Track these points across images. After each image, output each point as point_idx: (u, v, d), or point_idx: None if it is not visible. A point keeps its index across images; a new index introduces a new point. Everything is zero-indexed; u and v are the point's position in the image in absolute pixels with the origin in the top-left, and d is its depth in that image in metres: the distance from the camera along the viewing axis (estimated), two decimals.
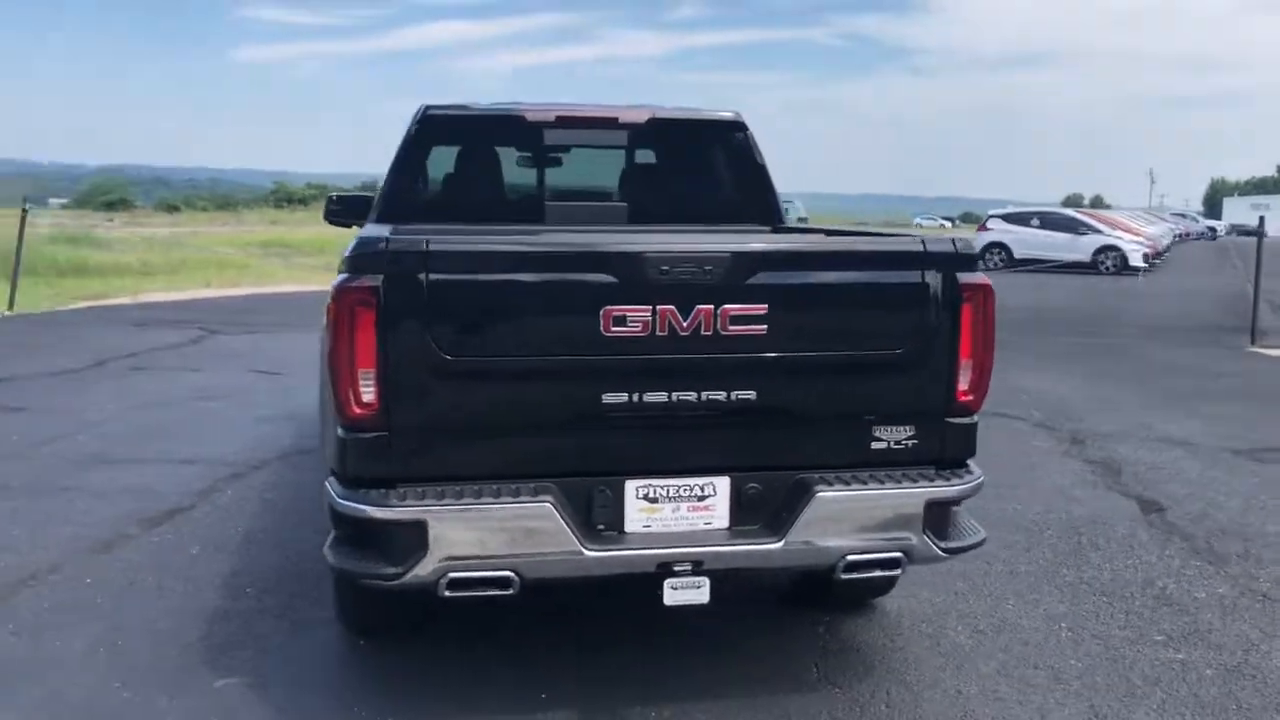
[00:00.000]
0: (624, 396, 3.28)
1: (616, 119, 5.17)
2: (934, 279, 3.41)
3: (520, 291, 3.27)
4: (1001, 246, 30.52)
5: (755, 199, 5.20)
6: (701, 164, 5.29)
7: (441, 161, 5.09)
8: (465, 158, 5.14)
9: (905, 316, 3.44)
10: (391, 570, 3.20)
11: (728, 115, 5.22)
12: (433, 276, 3.16)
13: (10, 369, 9.92)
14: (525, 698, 3.65)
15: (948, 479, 3.48)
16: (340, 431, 3.24)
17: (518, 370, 3.26)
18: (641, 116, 5.17)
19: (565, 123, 5.13)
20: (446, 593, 3.21)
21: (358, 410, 3.19)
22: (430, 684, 3.77)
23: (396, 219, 4.95)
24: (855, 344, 3.43)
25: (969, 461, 3.62)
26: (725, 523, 3.41)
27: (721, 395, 3.33)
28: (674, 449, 3.39)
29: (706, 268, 3.25)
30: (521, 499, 3.21)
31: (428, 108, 5.03)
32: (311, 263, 23.78)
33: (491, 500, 3.20)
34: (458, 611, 4.04)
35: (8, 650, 3.98)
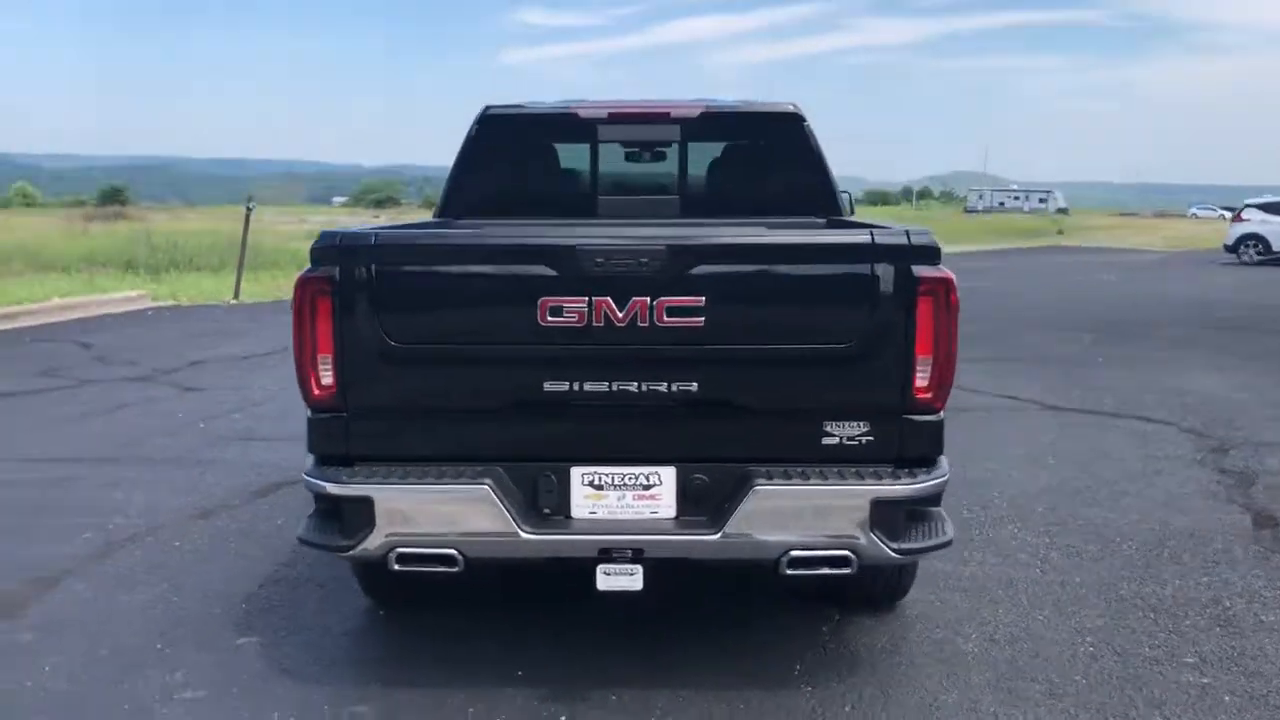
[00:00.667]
0: (565, 385, 3.37)
1: (668, 113, 5.22)
2: (885, 272, 3.31)
3: (461, 282, 3.42)
4: (1258, 238, 28.24)
5: (812, 190, 5.13)
6: (756, 156, 5.26)
7: (503, 158, 5.29)
8: (522, 155, 5.32)
9: (854, 311, 3.35)
10: (344, 543, 3.42)
11: (784, 107, 5.16)
12: (380, 268, 3.36)
13: (208, 353, 10.93)
14: (504, 673, 3.79)
15: (899, 477, 3.37)
16: (308, 412, 3.49)
17: (461, 357, 3.41)
18: (695, 110, 5.20)
19: (618, 118, 5.22)
20: (396, 566, 3.41)
21: (318, 392, 3.43)
22: (423, 653, 3.98)
23: (457, 213, 5.21)
24: (800, 338, 3.37)
25: (939, 460, 3.49)
26: (671, 512, 3.44)
27: (663, 386, 3.37)
28: (620, 438, 3.45)
29: (642, 260, 3.30)
30: (460, 481, 3.36)
31: (487, 108, 5.24)
32: None
33: (433, 481, 3.37)
34: (464, 590, 4.25)
35: (78, 603, 4.48)
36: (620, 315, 3.29)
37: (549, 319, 3.31)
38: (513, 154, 5.30)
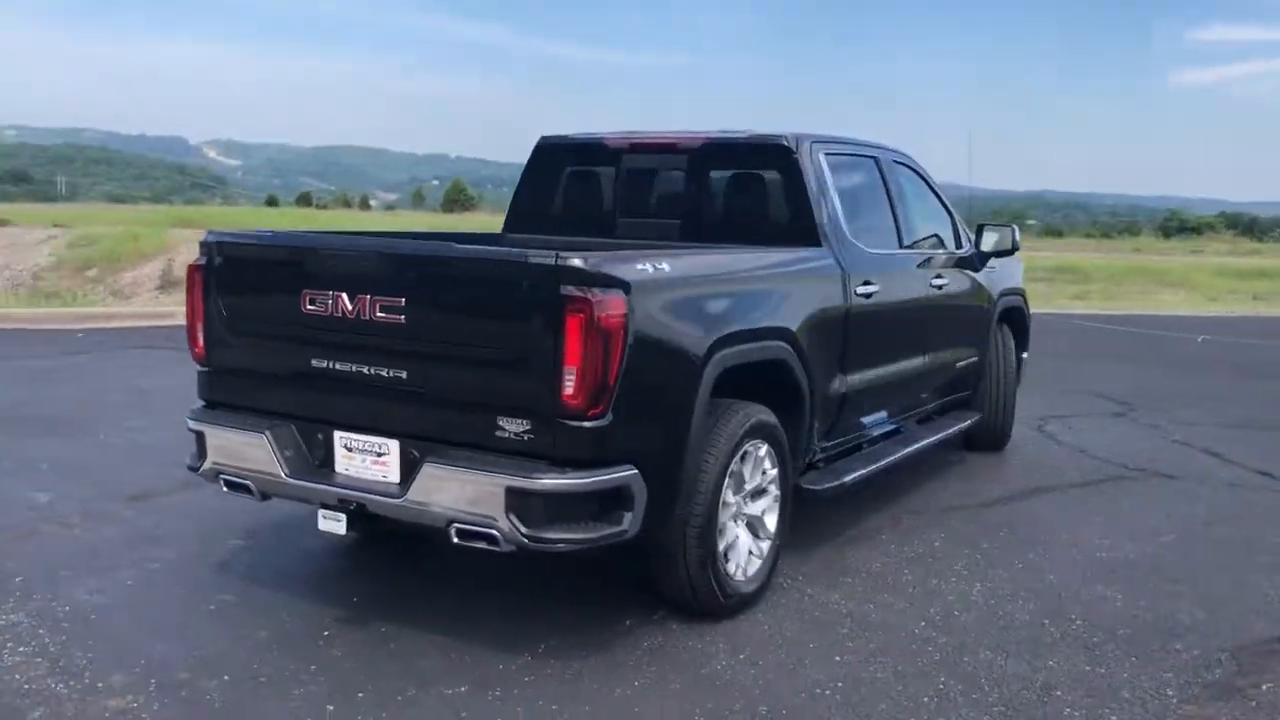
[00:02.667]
0: (325, 363, 4.18)
1: (676, 144, 5.67)
2: (536, 289, 3.71)
3: (257, 273, 4.38)
4: None
5: (796, 219, 5.31)
6: (746, 185, 5.51)
7: (549, 181, 6.09)
8: (563, 179, 6.06)
9: (512, 321, 3.80)
10: (193, 465, 4.52)
11: (775, 139, 5.38)
12: (218, 260, 4.42)
13: None
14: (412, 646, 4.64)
15: (544, 473, 3.73)
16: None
17: (260, 332, 4.36)
18: (699, 141, 5.60)
19: (637, 148, 5.79)
20: (224, 489, 4.44)
21: (196, 351, 4.57)
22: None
23: (516, 229, 6.11)
24: (473, 341, 3.87)
25: (607, 464, 3.78)
26: (396, 478, 4.08)
27: (384, 371, 4.05)
28: (364, 411, 4.16)
29: (363, 264, 4.03)
30: (247, 430, 4.30)
31: (543, 137, 6.07)
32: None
33: (232, 427, 4.35)
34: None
35: (110, 545, 5.28)
36: (350, 308, 4.04)
37: (308, 307, 4.14)
38: (556, 178, 6.07)
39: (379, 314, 3.99)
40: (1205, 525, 6.09)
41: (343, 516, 4.11)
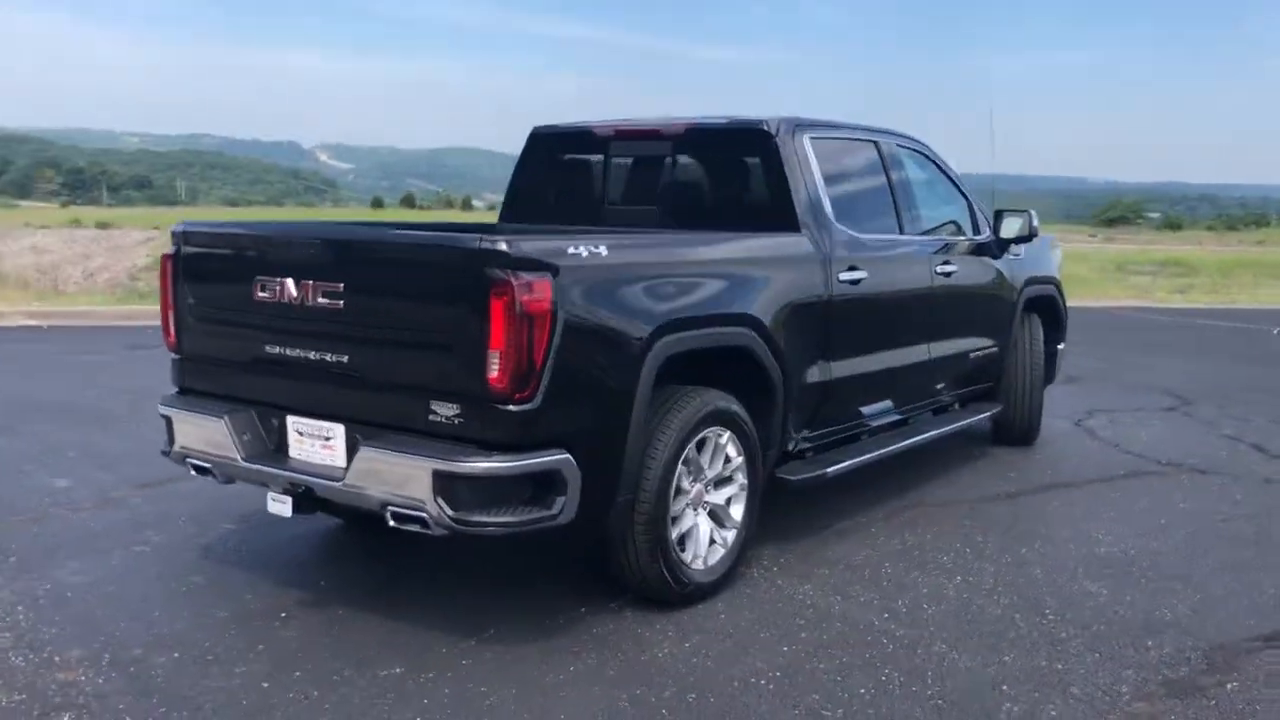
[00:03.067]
0: (278, 349, 4.26)
1: (659, 131, 5.63)
2: (462, 273, 3.72)
3: (219, 262, 4.47)
4: None
5: (774, 204, 5.23)
6: (726, 170, 5.45)
7: (542, 169, 6.11)
8: (555, 167, 6.07)
9: (441, 305, 3.82)
10: (165, 450, 4.65)
11: (755, 123, 5.31)
12: (184, 249, 4.54)
13: None
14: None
15: (471, 456, 3.74)
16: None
17: (220, 319, 4.46)
18: (681, 127, 5.55)
19: (622, 135, 5.77)
20: (192, 472, 4.56)
21: (169, 340, 4.69)
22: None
23: (512, 218, 6.16)
24: (406, 325, 3.91)
25: (538, 447, 3.78)
26: (343, 463, 4.13)
27: (329, 357, 4.11)
28: (313, 396, 4.23)
29: (309, 251, 4.10)
30: (207, 415, 4.41)
31: (536, 127, 6.10)
32: None
33: (195, 412, 4.46)
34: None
35: (110, 529, 5.47)
36: (296, 295, 4.11)
37: (260, 294, 4.23)
38: (549, 167, 6.09)
39: (320, 299, 4.05)
40: (1223, 522, 5.82)
41: (289, 499, 4.18)
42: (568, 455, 3.85)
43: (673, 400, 4.32)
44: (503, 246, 3.67)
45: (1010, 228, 6.73)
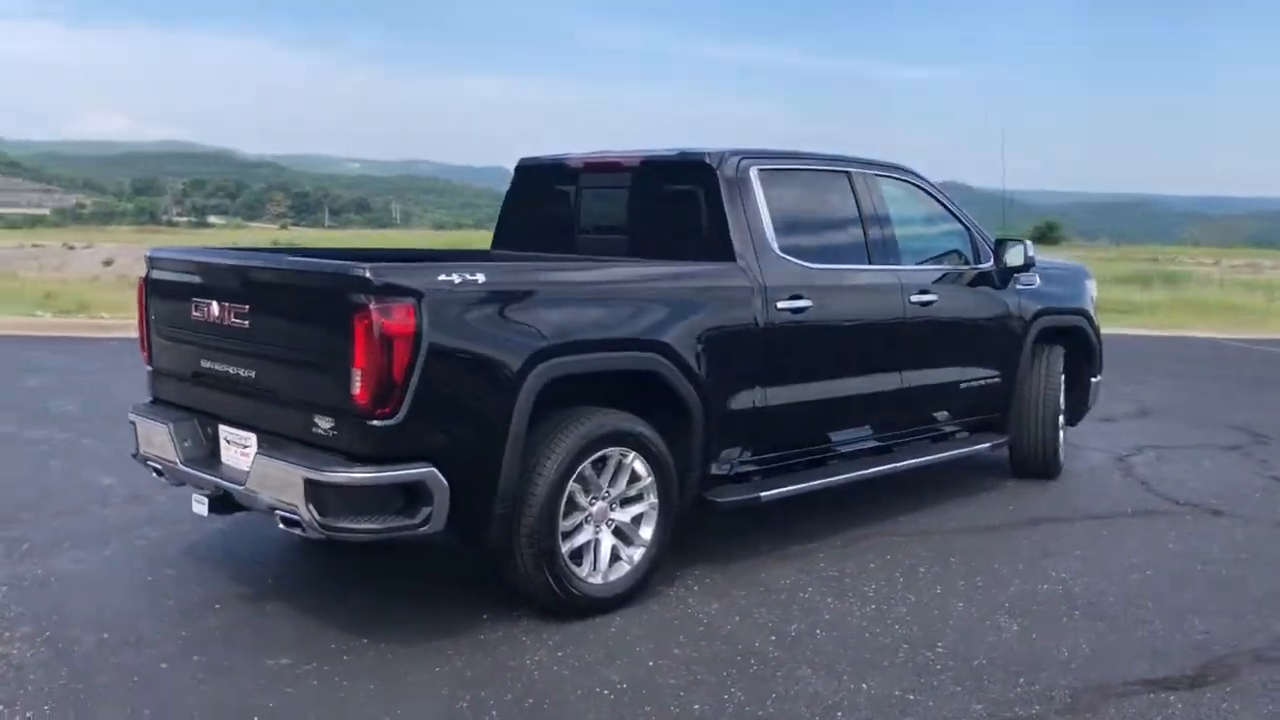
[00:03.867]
0: (209, 364, 4.73)
1: (620, 163, 5.85)
2: (330, 297, 4.10)
3: (172, 285, 4.99)
4: None
5: (712, 234, 5.39)
6: (674, 201, 5.61)
7: (526, 200, 6.44)
8: (538, 198, 6.36)
9: (316, 326, 4.22)
10: (134, 452, 5.18)
11: (697, 156, 5.48)
12: (150, 273, 5.07)
13: None
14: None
15: (335, 467, 4.08)
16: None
17: (172, 336, 4.97)
18: (636, 160, 5.77)
19: (590, 167, 6.03)
20: (155, 474, 5.07)
21: (143, 354, 5.24)
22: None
23: (500, 245, 6.52)
24: (291, 344, 4.34)
25: (402, 461, 4.08)
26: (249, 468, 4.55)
27: (242, 372, 4.56)
28: (235, 408, 4.67)
29: (226, 276, 4.56)
30: (154, 420, 4.91)
31: (521, 159, 6.42)
32: None
33: (150, 419, 4.97)
34: None
35: (126, 524, 6.14)
36: (218, 315, 4.57)
37: (194, 314, 4.71)
38: (532, 197, 6.41)
39: (234, 319, 4.51)
40: (1203, 565, 5.58)
41: (205, 499, 4.63)
42: (432, 468, 4.13)
43: (566, 420, 4.54)
44: (366, 274, 4.01)
45: (1014, 256, 6.63)
